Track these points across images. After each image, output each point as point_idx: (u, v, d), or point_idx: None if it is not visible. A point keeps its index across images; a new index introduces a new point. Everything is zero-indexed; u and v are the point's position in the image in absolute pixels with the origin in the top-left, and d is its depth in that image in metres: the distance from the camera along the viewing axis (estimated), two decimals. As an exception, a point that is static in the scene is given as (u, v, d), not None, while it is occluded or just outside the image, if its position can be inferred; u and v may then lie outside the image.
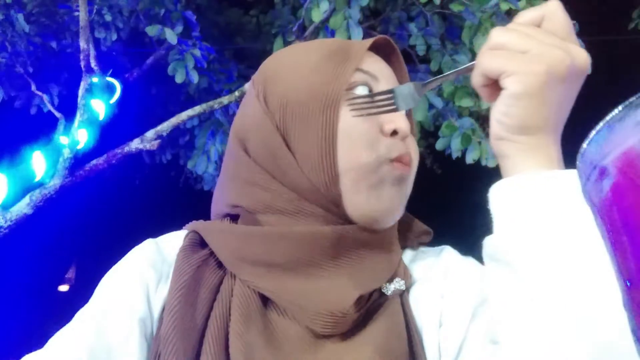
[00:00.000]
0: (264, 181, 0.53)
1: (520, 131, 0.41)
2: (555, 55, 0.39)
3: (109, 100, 2.67)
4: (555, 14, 0.41)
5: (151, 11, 2.72)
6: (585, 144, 0.22)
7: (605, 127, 0.21)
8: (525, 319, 0.38)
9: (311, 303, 0.48)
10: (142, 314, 0.49)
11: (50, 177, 2.33)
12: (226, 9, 3.66)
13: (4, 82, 2.84)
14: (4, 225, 2.19)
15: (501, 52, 0.40)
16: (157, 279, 0.53)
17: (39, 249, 3.91)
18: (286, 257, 0.49)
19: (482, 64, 0.41)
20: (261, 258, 0.50)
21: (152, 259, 0.54)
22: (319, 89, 0.51)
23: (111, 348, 0.47)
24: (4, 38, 2.64)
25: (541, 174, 0.40)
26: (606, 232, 0.22)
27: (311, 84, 0.52)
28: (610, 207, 0.21)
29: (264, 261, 0.50)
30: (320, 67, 0.52)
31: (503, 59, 0.39)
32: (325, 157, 0.49)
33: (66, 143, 2.32)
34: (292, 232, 0.50)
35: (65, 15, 2.87)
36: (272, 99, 0.54)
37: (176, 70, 2.55)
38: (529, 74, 0.38)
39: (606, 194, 0.21)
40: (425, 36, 2.50)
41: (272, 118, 0.53)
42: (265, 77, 0.56)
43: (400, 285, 0.52)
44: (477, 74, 0.42)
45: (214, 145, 2.97)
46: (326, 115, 0.50)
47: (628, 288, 0.21)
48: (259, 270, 0.50)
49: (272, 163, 0.52)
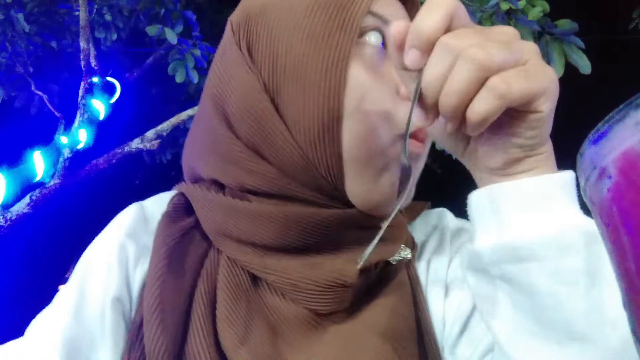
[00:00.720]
0: (246, 160, 0.44)
1: (540, 145, 0.36)
2: (535, 50, 0.33)
3: (109, 100, 2.67)
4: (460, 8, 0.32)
5: (151, 11, 2.72)
6: (585, 144, 0.22)
7: (605, 127, 0.21)
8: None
9: (306, 279, 0.42)
10: (118, 291, 0.45)
11: (50, 177, 2.33)
12: (226, 9, 3.65)
13: (4, 82, 2.84)
14: (4, 225, 2.19)
15: (510, 73, 0.31)
16: (137, 251, 0.47)
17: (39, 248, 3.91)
18: (276, 241, 0.43)
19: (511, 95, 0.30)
20: (247, 237, 0.44)
21: (134, 228, 0.49)
22: (321, 38, 0.40)
23: (87, 330, 0.44)
24: (4, 38, 2.64)
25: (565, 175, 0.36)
26: (606, 233, 0.22)
27: (310, 30, 0.40)
28: (610, 207, 0.21)
29: (250, 241, 0.44)
30: (322, 7, 0.41)
31: (525, 82, 0.31)
32: (327, 131, 0.40)
33: (66, 143, 2.32)
34: (284, 214, 0.43)
35: (65, 15, 2.87)
36: (258, 48, 0.43)
37: (176, 70, 2.55)
38: (551, 88, 0.33)
39: (606, 194, 0.21)
40: (425, 36, 2.50)
41: (258, 75, 0.43)
42: (249, 18, 0.45)
43: (407, 253, 0.47)
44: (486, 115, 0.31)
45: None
46: (330, 75, 0.39)
47: (628, 288, 0.21)
48: (245, 248, 0.44)
49: (257, 133, 0.43)
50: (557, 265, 0.33)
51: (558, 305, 0.32)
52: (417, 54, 0.32)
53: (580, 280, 0.32)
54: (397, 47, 0.33)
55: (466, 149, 0.38)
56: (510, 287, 0.35)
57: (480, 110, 0.31)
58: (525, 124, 0.33)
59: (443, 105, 0.32)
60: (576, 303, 0.32)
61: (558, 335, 0.33)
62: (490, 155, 0.36)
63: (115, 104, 2.77)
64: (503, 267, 0.35)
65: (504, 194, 0.36)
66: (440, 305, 0.47)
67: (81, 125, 2.38)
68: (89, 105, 2.42)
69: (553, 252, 0.33)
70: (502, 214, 0.35)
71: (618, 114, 0.20)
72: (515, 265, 0.34)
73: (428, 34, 0.31)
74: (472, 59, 0.30)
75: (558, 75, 1.88)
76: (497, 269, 0.35)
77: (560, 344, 0.33)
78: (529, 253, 0.33)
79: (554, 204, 0.34)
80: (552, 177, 0.35)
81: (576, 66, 1.87)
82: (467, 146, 0.38)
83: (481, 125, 0.32)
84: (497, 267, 0.35)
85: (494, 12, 1.96)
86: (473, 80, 0.30)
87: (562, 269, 0.33)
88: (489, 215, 0.36)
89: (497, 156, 0.35)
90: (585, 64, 1.86)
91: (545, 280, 0.33)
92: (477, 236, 0.37)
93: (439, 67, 0.31)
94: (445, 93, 0.31)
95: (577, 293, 0.32)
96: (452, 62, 0.31)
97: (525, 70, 0.31)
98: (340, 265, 0.43)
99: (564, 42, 1.87)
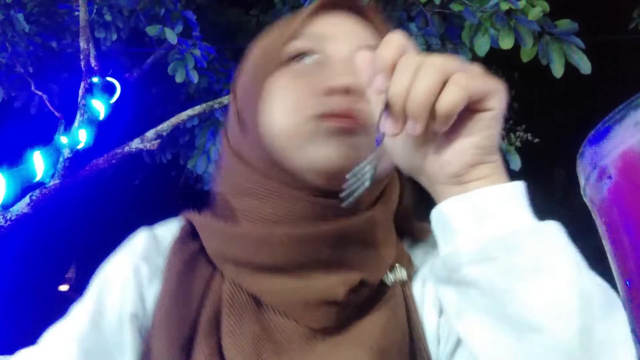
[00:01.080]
0: (232, 163, 0.53)
1: (494, 149, 0.41)
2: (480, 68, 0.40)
3: (109, 100, 2.67)
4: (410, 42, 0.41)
5: (151, 11, 2.72)
6: (585, 144, 0.22)
7: (605, 127, 0.21)
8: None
9: (299, 296, 0.47)
10: (134, 308, 0.49)
11: (50, 177, 2.33)
12: (226, 9, 3.66)
13: (3, 82, 2.84)
14: (4, 225, 2.19)
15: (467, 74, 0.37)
16: (150, 272, 0.51)
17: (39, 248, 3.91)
18: (268, 260, 0.48)
19: (471, 87, 0.37)
20: (243, 260, 0.49)
21: (146, 250, 0.53)
22: (258, 60, 0.53)
23: (105, 343, 0.47)
24: (4, 38, 2.64)
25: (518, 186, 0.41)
26: (606, 232, 0.22)
27: (255, 55, 0.54)
28: (610, 207, 0.21)
29: (246, 263, 0.49)
30: (268, 39, 0.54)
31: (480, 81, 0.38)
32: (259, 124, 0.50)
33: (66, 143, 2.32)
34: (272, 235, 0.48)
35: (65, 15, 2.87)
36: (235, 80, 0.56)
37: (176, 70, 2.55)
38: (501, 90, 0.39)
39: (606, 194, 0.21)
40: (425, 36, 2.50)
41: (233, 97, 0.56)
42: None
43: (402, 274, 0.51)
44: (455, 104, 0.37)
45: (214, 145, 2.97)
46: (256, 84, 0.51)
47: (628, 288, 0.21)
48: (242, 270, 0.49)
49: (238, 143, 0.54)
50: (509, 263, 0.37)
51: (514, 300, 0.36)
52: (382, 78, 0.39)
53: (529, 276, 0.36)
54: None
55: (424, 163, 0.42)
56: (471, 291, 0.38)
57: (449, 100, 0.37)
58: (480, 123, 0.39)
59: (412, 107, 0.37)
60: (530, 297, 0.36)
61: (515, 328, 0.36)
62: (450, 162, 0.40)
63: (115, 104, 2.77)
64: (464, 270, 0.38)
65: (457, 205, 0.40)
66: (434, 322, 0.50)
67: (81, 125, 2.38)
68: (89, 105, 2.42)
69: (504, 251, 0.37)
70: (452, 225, 0.40)
71: (618, 114, 0.20)
72: (473, 267, 0.38)
73: (388, 60, 0.38)
74: (433, 65, 0.37)
75: (558, 75, 1.87)
76: (458, 274, 0.39)
77: (519, 336, 0.36)
78: (483, 254, 0.37)
79: (504, 210, 0.39)
80: (502, 187, 0.40)
81: (576, 66, 1.87)
82: (426, 159, 0.42)
83: (448, 117, 0.37)
84: (457, 272, 0.39)
85: (494, 12, 1.96)
86: (436, 82, 0.37)
87: (514, 267, 0.36)
88: (444, 230, 0.41)
89: (456, 161, 0.40)
90: (585, 64, 1.86)
91: (500, 278, 0.37)
92: (441, 248, 0.42)
93: (403, 79, 0.37)
94: (412, 96, 0.37)
95: (530, 287, 0.36)
96: (414, 73, 0.37)
97: (477, 74, 0.39)
98: (332, 282, 0.48)
99: (564, 42, 1.87)
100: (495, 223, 0.38)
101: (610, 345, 0.35)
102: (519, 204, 0.39)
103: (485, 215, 0.39)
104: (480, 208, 0.39)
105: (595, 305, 0.36)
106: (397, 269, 0.51)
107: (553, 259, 0.37)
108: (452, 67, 0.37)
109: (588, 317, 0.35)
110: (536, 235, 0.37)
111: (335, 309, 0.47)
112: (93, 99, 2.46)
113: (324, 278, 0.48)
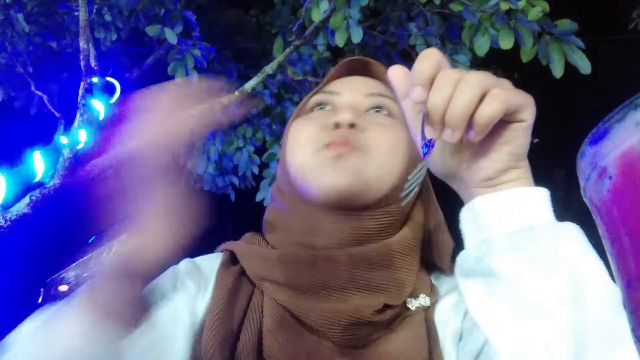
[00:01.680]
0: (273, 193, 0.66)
1: (524, 156, 0.45)
2: (508, 81, 0.43)
3: (109, 100, 2.67)
4: (444, 57, 0.44)
5: (151, 11, 2.72)
6: (585, 144, 0.22)
7: (605, 127, 0.21)
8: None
9: (332, 315, 0.52)
10: (186, 321, 0.54)
11: (50, 177, 2.33)
12: (226, 9, 3.66)
13: (3, 82, 2.84)
14: (4, 225, 2.19)
15: (502, 89, 0.41)
16: (196, 289, 0.58)
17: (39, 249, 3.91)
18: (300, 281, 0.55)
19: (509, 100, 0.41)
20: (278, 280, 0.56)
21: (191, 271, 0.60)
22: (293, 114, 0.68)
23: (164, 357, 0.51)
24: (4, 38, 2.64)
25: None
26: (606, 232, 0.22)
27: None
28: (610, 207, 0.21)
29: (282, 282, 0.56)
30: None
31: (515, 95, 0.41)
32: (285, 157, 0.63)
33: (66, 143, 2.32)
34: (300, 256, 0.56)
35: (65, 15, 2.87)
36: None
37: (176, 70, 2.55)
38: (532, 103, 0.42)
39: (606, 194, 0.21)
40: (425, 36, 2.50)
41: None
42: None
43: (425, 301, 0.57)
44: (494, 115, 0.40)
45: (214, 145, 2.97)
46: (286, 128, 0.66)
47: (628, 288, 0.21)
48: (280, 288, 0.56)
49: (278, 176, 0.66)
50: (528, 255, 0.40)
51: (532, 289, 0.40)
52: (420, 89, 0.42)
53: (551, 266, 0.40)
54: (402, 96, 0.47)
55: (459, 168, 0.46)
56: (491, 280, 0.42)
57: (488, 112, 0.40)
58: (513, 133, 0.43)
59: (451, 117, 0.40)
60: (547, 285, 0.39)
61: (533, 315, 0.40)
62: (484, 167, 0.44)
63: (115, 104, 2.77)
64: (484, 261, 0.42)
65: (487, 202, 0.44)
66: (454, 346, 0.55)
67: (81, 125, 2.38)
68: (88, 105, 2.42)
69: (528, 242, 0.41)
70: (483, 219, 0.44)
71: (618, 114, 0.20)
72: (499, 256, 0.41)
73: (427, 73, 0.41)
74: (472, 80, 0.40)
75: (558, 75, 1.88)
76: (480, 265, 0.42)
77: (535, 323, 0.39)
78: (510, 244, 0.41)
79: (528, 209, 0.43)
80: (530, 189, 0.44)
81: (576, 66, 1.87)
82: (460, 165, 0.46)
83: (486, 127, 0.41)
84: (479, 262, 0.42)
85: (494, 12, 1.96)
86: (476, 95, 0.40)
87: (536, 257, 0.40)
88: (473, 223, 0.45)
89: (490, 166, 0.44)
90: (585, 64, 1.86)
91: (523, 266, 0.40)
92: (469, 240, 0.45)
93: (443, 91, 0.40)
94: (452, 108, 0.40)
95: (548, 276, 0.39)
96: (453, 87, 0.40)
97: (510, 88, 0.42)
98: (359, 304, 0.53)
99: (564, 42, 1.87)
100: (520, 219, 0.42)
101: (618, 341, 0.37)
102: (543, 205, 0.43)
103: (513, 212, 0.43)
104: (510, 205, 0.43)
105: (603, 300, 0.38)
106: (421, 297, 0.57)
107: (569, 253, 0.40)
108: (489, 82, 0.41)
109: (596, 309, 0.38)
110: (555, 233, 0.41)
111: (364, 329, 0.52)
112: (93, 99, 2.46)
113: (352, 299, 0.54)
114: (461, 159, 0.46)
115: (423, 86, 0.42)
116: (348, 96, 0.63)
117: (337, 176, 0.56)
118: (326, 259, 0.55)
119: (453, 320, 0.57)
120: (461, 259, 0.45)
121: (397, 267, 0.57)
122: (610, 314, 0.37)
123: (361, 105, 0.62)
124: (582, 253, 0.40)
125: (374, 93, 0.63)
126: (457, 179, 0.47)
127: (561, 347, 0.38)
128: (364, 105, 0.62)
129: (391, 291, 0.55)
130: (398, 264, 0.57)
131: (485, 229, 0.43)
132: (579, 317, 0.38)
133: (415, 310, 0.56)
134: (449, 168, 0.47)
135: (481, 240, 0.43)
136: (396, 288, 0.56)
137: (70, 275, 4.75)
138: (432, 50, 0.43)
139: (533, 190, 0.44)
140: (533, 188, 0.44)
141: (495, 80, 0.42)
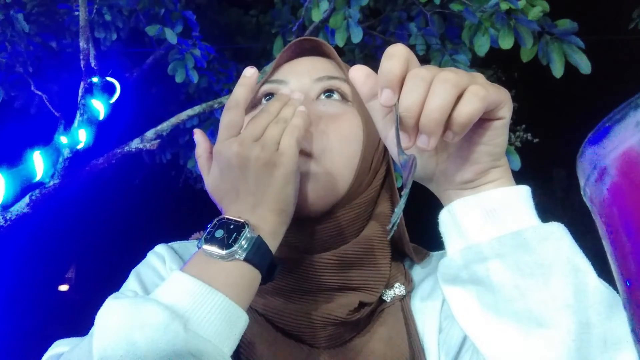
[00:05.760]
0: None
1: (503, 154, 0.43)
2: (482, 76, 0.41)
3: (109, 100, 2.67)
4: (412, 54, 0.40)
5: (151, 11, 2.72)
6: (585, 144, 0.22)
7: (605, 127, 0.21)
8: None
9: (305, 318, 0.51)
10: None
11: (50, 177, 2.32)
12: (226, 9, 3.66)
13: (3, 82, 2.83)
14: (4, 225, 2.19)
15: (479, 86, 0.37)
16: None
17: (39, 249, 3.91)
18: (273, 285, 0.52)
19: (488, 98, 0.37)
20: None
21: (171, 257, 0.59)
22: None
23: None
24: (4, 38, 2.64)
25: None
26: (606, 232, 0.22)
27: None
28: (610, 207, 0.21)
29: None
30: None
31: (493, 91, 0.38)
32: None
33: (66, 143, 2.32)
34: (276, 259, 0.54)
35: (65, 15, 2.87)
36: None
37: (176, 70, 2.55)
38: (509, 98, 0.40)
39: (606, 194, 0.21)
40: (425, 36, 2.50)
41: None
42: None
43: (401, 291, 0.55)
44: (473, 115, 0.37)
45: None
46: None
47: (628, 288, 0.21)
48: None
49: None
50: (517, 260, 0.38)
51: (520, 296, 0.38)
52: (389, 92, 0.38)
53: (536, 272, 0.38)
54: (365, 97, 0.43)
55: (436, 170, 0.44)
56: (479, 288, 0.40)
57: (467, 111, 0.36)
58: (492, 131, 0.40)
59: (426, 123, 0.36)
60: (535, 292, 0.37)
61: (522, 324, 0.38)
62: (462, 170, 0.42)
63: (115, 104, 2.77)
64: (471, 268, 0.40)
65: (468, 205, 0.42)
66: (434, 339, 0.53)
67: (81, 125, 2.38)
68: (88, 105, 2.42)
69: (512, 249, 0.38)
70: (466, 224, 0.41)
71: (618, 114, 0.20)
72: (481, 265, 0.39)
73: (395, 74, 0.37)
74: (446, 80, 0.36)
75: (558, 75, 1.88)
76: (466, 272, 0.40)
77: (526, 331, 0.37)
78: (492, 251, 0.39)
79: (511, 211, 0.40)
80: (511, 188, 0.42)
81: (576, 66, 1.87)
82: (437, 168, 0.43)
83: (465, 128, 0.37)
84: (466, 270, 0.40)
85: (494, 12, 1.96)
86: (452, 97, 0.36)
87: (521, 264, 0.38)
88: (454, 228, 0.42)
89: (469, 169, 0.41)
90: (585, 64, 1.85)
91: (508, 274, 0.38)
92: (448, 249, 0.43)
93: (415, 94, 0.36)
94: (427, 113, 0.36)
95: (535, 284, 0.37)
96: (426, 88, 0.36)
97: (487, 84, 0.38)
98: (333, 305, 0.51)
99: (564, 42, 1.87)
100: (504, 223, 0.40)
101: (610, 344, 0.36)
102: (526, 206, 0.41)
103: (496, 215, 0.40)
104: (490, 208, 0.41)
105: (594, 304, 0.37)
106: (396, 287, 0.56)
107: (557, 257, 0.38)
108: (464, 79, 0.37)
109: (587, 315, 0.36)
110: (542, 235, 0.39)
111: (340, 329, 0.51)
112: (93, 99, 2.46)
113: (327, 301, 0.52)
114: (437, 161, 0.43)
115: (392, 88, 0.38)
116: (296, 84, 0.58)
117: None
118: (296, 263, 0.53)
119: (431, 311, 0.55)
120: (445, 265, 0.43)
121: (371, 263, 0.55)
122: (609, 315, 0.37)
123: (310, 91, 0.57)
124: (572, 254, 0.38)
125: (323, 77, 0.57)
126: (433, 181, 0.45)
127: (562, 355, 0.36)
128: (314, 92, 0.57)
129: (368, 288, 0.54)
130: (371, 259, 0.55)
131: (469, 234, 0.41)
132: (580, 321, 0.36)
133: (391, 302, 0.55)
134: (425, 170, 0.44)
135: (466, 246, 0.41)
136: (373, 283, 0.54)
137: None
138: (398, 47, 0.39)
139: (514, 189, 0.42)
140: (514, 187, 0.42)
141: (469, 76, 0.38)
